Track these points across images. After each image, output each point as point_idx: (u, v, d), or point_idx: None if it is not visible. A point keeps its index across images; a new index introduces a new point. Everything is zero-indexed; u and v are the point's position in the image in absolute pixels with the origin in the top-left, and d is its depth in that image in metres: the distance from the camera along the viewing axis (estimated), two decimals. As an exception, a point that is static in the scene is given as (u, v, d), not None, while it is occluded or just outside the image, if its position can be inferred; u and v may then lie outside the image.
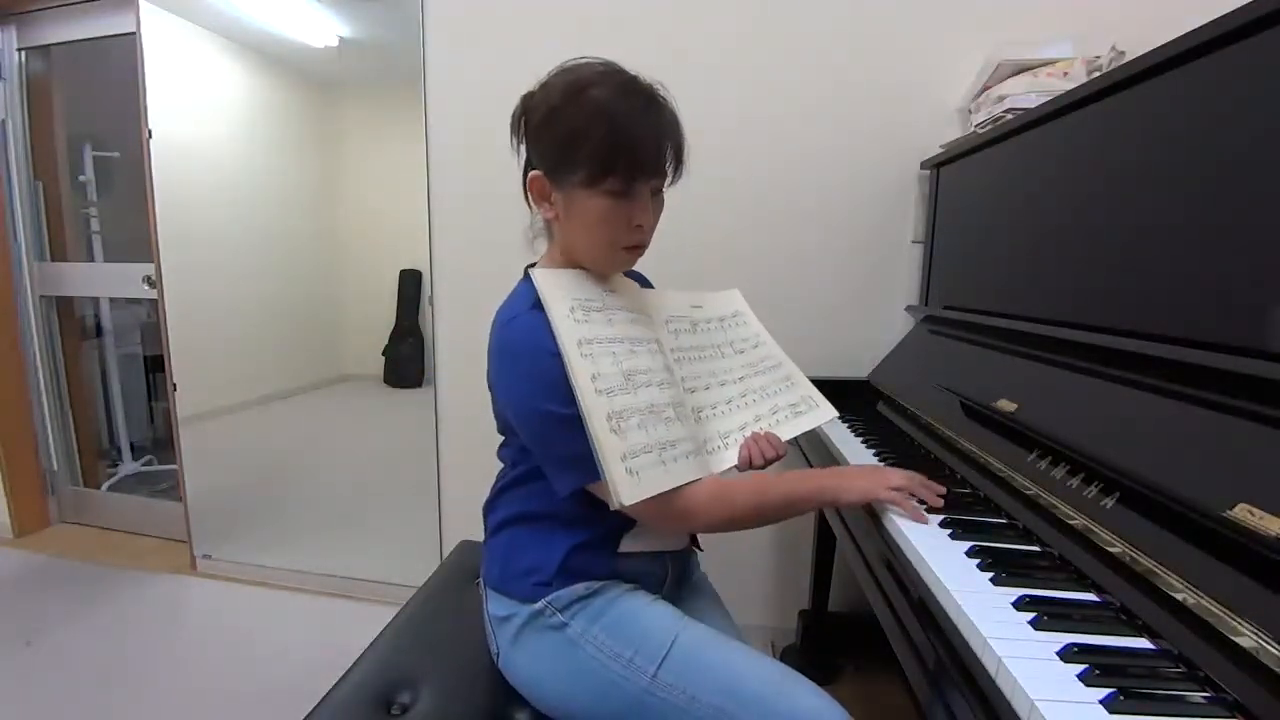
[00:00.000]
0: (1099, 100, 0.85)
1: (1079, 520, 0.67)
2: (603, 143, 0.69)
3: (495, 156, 1.59)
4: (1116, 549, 0.61)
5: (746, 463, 0.82)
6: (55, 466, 2.31)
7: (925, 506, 0.77)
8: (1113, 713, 0.45)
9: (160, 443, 2.67)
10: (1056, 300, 0.93)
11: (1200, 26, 0.66)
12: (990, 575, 0.64)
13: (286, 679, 1.49)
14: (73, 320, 2.36)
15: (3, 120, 2.14)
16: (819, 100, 1.46)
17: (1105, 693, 0.47)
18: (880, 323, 1.52)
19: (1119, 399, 0.74)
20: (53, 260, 2.27)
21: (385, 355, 4.57)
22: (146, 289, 2.08)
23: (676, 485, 0.71)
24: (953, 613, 0.60)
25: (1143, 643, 0.54)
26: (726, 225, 1.54)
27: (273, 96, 3.76)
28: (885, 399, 1.33)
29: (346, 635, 1.07)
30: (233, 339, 2.87)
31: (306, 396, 4.15)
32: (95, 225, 2.46)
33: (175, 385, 1.99)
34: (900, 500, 0.76)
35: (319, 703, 0.78)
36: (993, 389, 0.94)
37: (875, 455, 1.04)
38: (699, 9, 1.47)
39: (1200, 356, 0.64)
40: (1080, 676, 0.49)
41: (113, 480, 2.47)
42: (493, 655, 0.82)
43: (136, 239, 2.03)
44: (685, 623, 0.76)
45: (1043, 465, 0.76)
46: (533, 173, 0.75)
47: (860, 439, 1.14)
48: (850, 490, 0.78)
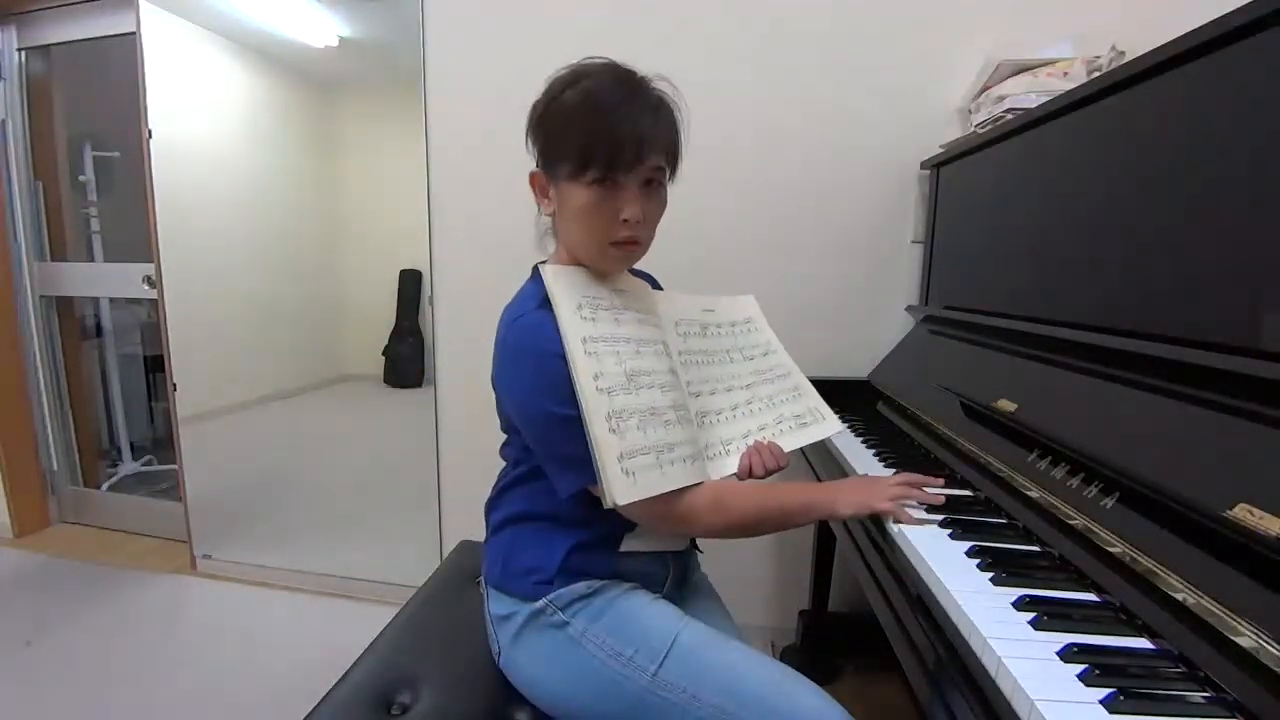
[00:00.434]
0: (1099, 100, 0.85)
1: (1079, 520, 0.67)
2: (582, 133, 0.69)
3: (495, 156, 1.60)
4: (1116, 549, 0.61)
5: (747, 471, 0.81)
6: (55, 466, 2.31)
7: (926, 507, 0.77)
8: (1113, 713, 0.45)
9: (160, 443, 2.67)
10: (1056, 300, 0.93)
11: (1200, 26, 0.66)
12: (990, 575, 0.64)
13: (286, 679, 1.49)
14: (73, 320, 2.36)
15: (3, 120, 2.14)
16: (819, 100, 1.47)
17: (1105, 693, 0.47)
18: (880, 323, 1.52)
19: (1119, 399, 0.74)
20: (53, 260, 2.27)
21: (385, 355, 4.57)
22: (146, 289, 2.08)
23: (672, 489, 0.71)
24: (953, 613, 0.60)
25: (1143, 643, 0.54)
26: (726, 225, 1.54)
27: (273, 96, 3.76)
28: (885, 399, 1.33)
29: (346, 635, 1.07)
30: (233, 339, 2.87)
31: (306, 396, 4.14)
32: (95, 225, 2.46)
33: (175, 385, 1.99)
34: (897, 511, 0.76)
35: (319, 703, 0.78)
36: (993, 389, 0.94)
37: (875, 455, 1.04)
38: (699, 9, 1.47)
39: (1200, 356, 0.64)
40: (1080, 676, 0.49)
41: (113, 480, 2.46)
42: (493, 654, 0.82)
43: (136, 239, 2.03)
44: (686, 622, 0.76)
45: (1043, 465, 0.76)
46: (533, 169, 0.76)
47: (860, 439, 1.14)
48: (846, 503, 0.77)
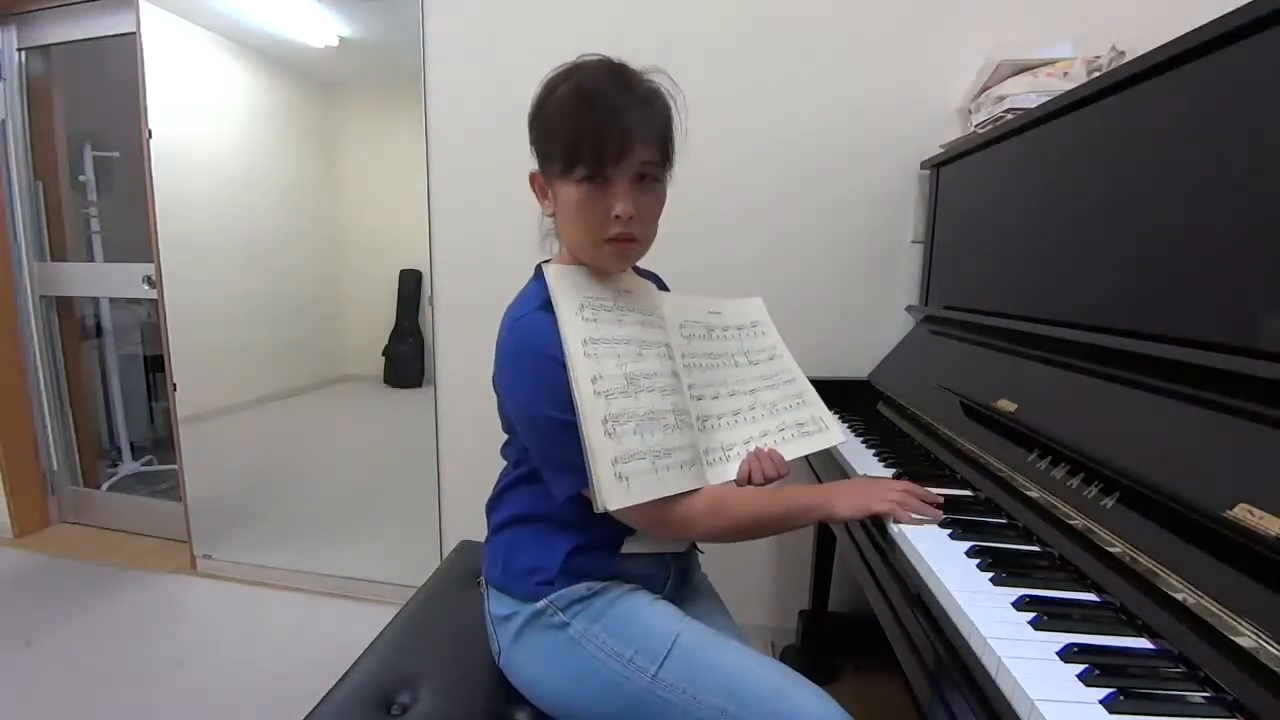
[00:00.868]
0: (1099, 100, 0.85)
1: (1079, 520, 0.67)
2: (569, 130, 0.68)
3: (495, 156, 1.60)
4: (1116, 549, 0.61)
5: (746, 478, 0.80)
6: (55, 466, 2.31)
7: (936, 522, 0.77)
8: (1113, 713, 0.45)
9: (160, 443, 2.67)
10: (1057, 300, 0.93)
11: (1200, 26, 0.66)
12: (990, 575, 0.64)
13: (286, 679, 1.49)
14: (73, 320, 2.36)
15: (3, 120, 2.14)
16: (819, 100, 1.47)
17: (1105, 693, 0.47)
18: (880, 323, 1.52)
19: (1119, 399, 0.74)
20: (53, 260, 2.27)
21: (385, 355, 4.57)
22: (146, 289, 2.08)
23: (666, 494, 0.70)
24: (953, 613, 0.60)
25: (1143, 643, 0.54)
26: (726, 225, 1.54)
27: (273, 96, 3.76)
28: (885, 399, 1.33)
29: (346, 635, 1.07)
30: (233, 339, 2.86)
31: (306, 396, 4.14)
32: (95, 225, 2.46)
33: (175, 385, 1.99)
34: (895, 511, 0.74)
35: (319, 703, 0.78)
36: (993, 389, 0.94)
37: (875, 455, 1.04)
38: (699, 9, 1.48)
39: (1200, 356, 0.64)
40: (1080, 676, 0.49)
41: (113, 480, 2.46)
42: (493, 654, 0.82)
43: (136, 239, 2.03)
44: (686, 623, 0.75)
45: (1043, 465, 0.76)
46: (532, 169, 0.76)
47: (860, 439, 1.14)
48: (844, 505, 0.76)
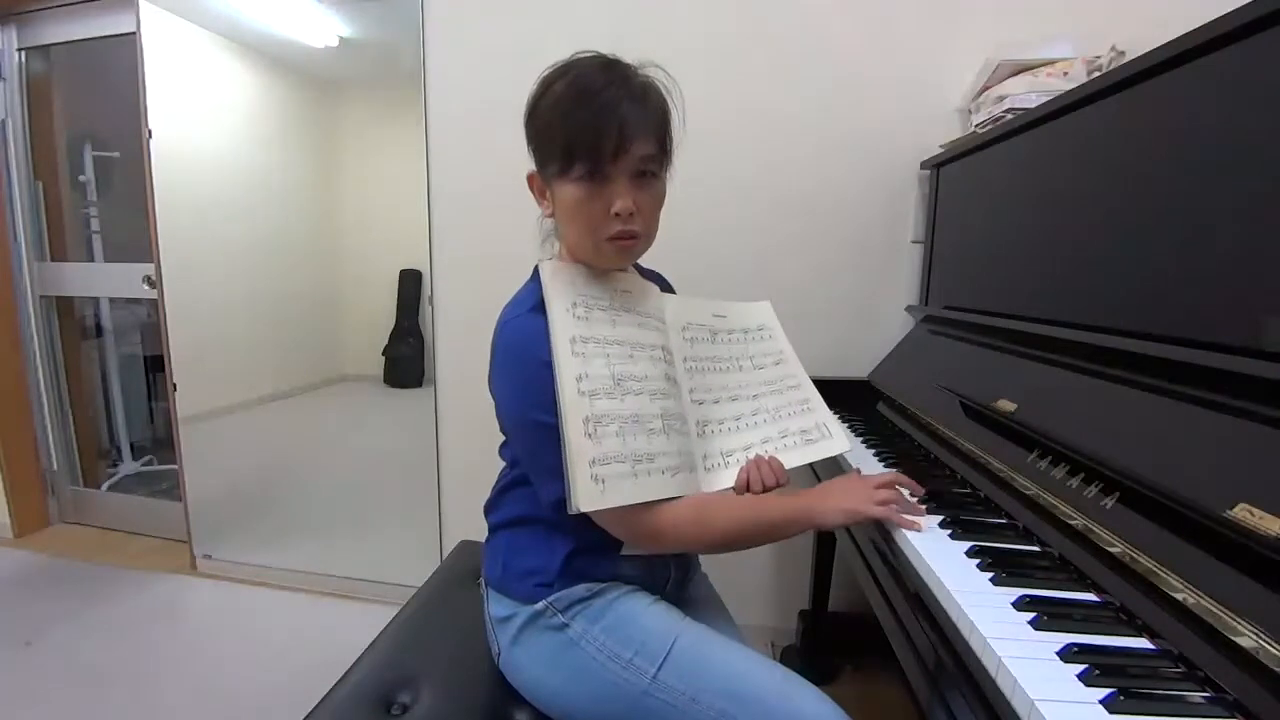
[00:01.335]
0: (1099, 100, 0.85)
1: (1079, 520, 0.67)
2: (564, 129, 0.67)
3: (495, 156, 1.60)
4: (1116, 549, 0.61)
5: (744, 486, 0.78)
6: (55, 466, 2.31)
7: (918, 499, 0.77)
8: (1113, 713, 0.45)
9: (160, 443, 2.67)
10: (1056, 300, 0.93)
11: (1200, 26, 0.66)
12: (990, 575, 0.64)
13: (286, 679, 1.49)
14: (73, 320, 2.36)
15: (3, 120, 2.14)
16: (819, 100, 1.47)
17: (1105, 693, 0.47)
18: (880, 323, 1.52)
19: (1119, 399, 0.74)
20: (53, 260, 2.27)
21: (385, 355, 4.57)
22: (146, 289, 2.08)
23: (644, 500, 0.69)
24: (953, 613, 0.60)
25: (1143, 643, 0.54)
26: (726, 225, 1.54)
27: (272, 96, 3.76)
28: (885, 399, 1.33)
29: (346, 635, 1.07)
30: (233, 339, 2.86)
31: (306, 396, 4.14)
32: (95, 225, 2.46)
33: (175, 385, 1.99)
34: (891, 515, 0.74)
35: (319, 703, 0.78)
36: (993, 389, 0.94)
37: (875, 455, 1.04)
38: (699, 9, 1.48)
39: (1200, 356, 0.64)
40: (1080, 676, 0.49)
41: (113, 480, 2.47)
42: (493, 655, 0.82)
43: (136, 239, 2.03)
44: (686, 624, 0.75)
45: (1043, 465, 0.76)
46: (530, 171, 0.76)
47: (860, 439, 1.14)
48: (834, 511, 0.73)
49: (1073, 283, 0.90)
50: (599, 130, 0.66)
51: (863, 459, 1.03)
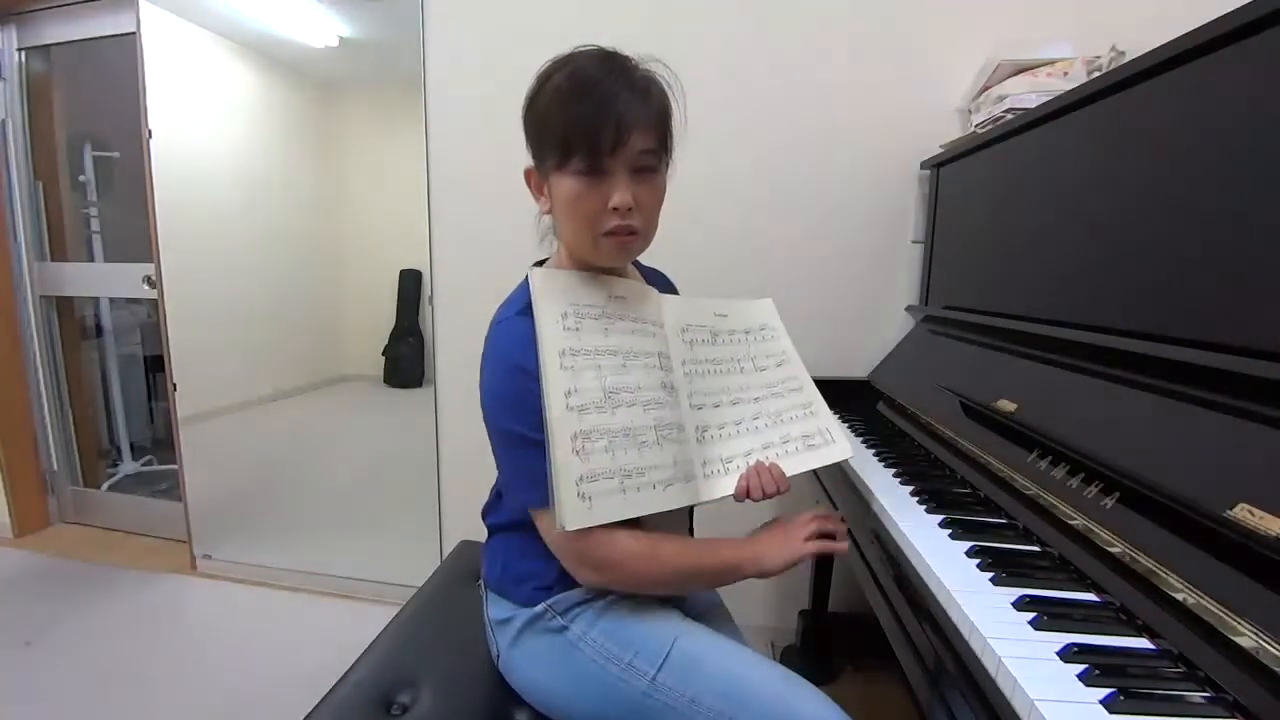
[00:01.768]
0: (1099, 100, 0.85)
1: (1079, 520, 0.67)
2: (562, 121, 0.67)
3: (495, 156, 1.60)
4: (1116, 549, 0.61)
5: (744, 494, 0.76)
6: (55, 466, 2.31)
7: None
8: (1113, 713, 0.45)
9: (160, 443, 2.67)
10: (1057, 300, 0.93)
11: (1200, 26, 0.66)
12: (990, 575, 0.64)
13: (286, 679, 1.49)
14: (73, 320, 2.36)
15: (3, 120, 2.14)
16: (819, 100, 1.46)
17: (1105, 693, 0.47)
18: (880, 323, 1.52)
19: (1119, 399, 0.74)
20: (53, 260, 2.27)
21: (385, 355, 4.57)
22: (146, 289, 2.08)
23: (633, 515, 0.67)
24: (953, 613, 0.60)
25: (1143, 643, 0.54)
26: (726, 225, 1.54)
27: (273, 96, 3.76)
28: (885, 399, 1.33)
29: (346, 635, 1.07)
30: (233, 339, 2.86)
31: (306, 396, 4.14)
32: (95, 225, 2.46)
33: (175, 385, 1.99)
34: (824, 547, 0.75)
35: (319, 703, 0.78)
36: (993, 389, 0.94)
37: (875, 455, 1.04)
38: (699, 9, 1.47)
39: (1200, 356, 0.64)
40: (1080, 676, 0.49)
41: (113, 480, 2.46)
42: (493, 657, 0.82)
43: (136, 239, 2.03)
44: (685, 626, 0.75)
45: (1043, 465, 0.76)
46: (527, 166, 0.75)
47: (860, 439, 1.14)
48: (774, 558, 0.74)
49: (1073, 283, 0.90)
50: (597, 122, 0.65)
51: (863, 460, 1.03)
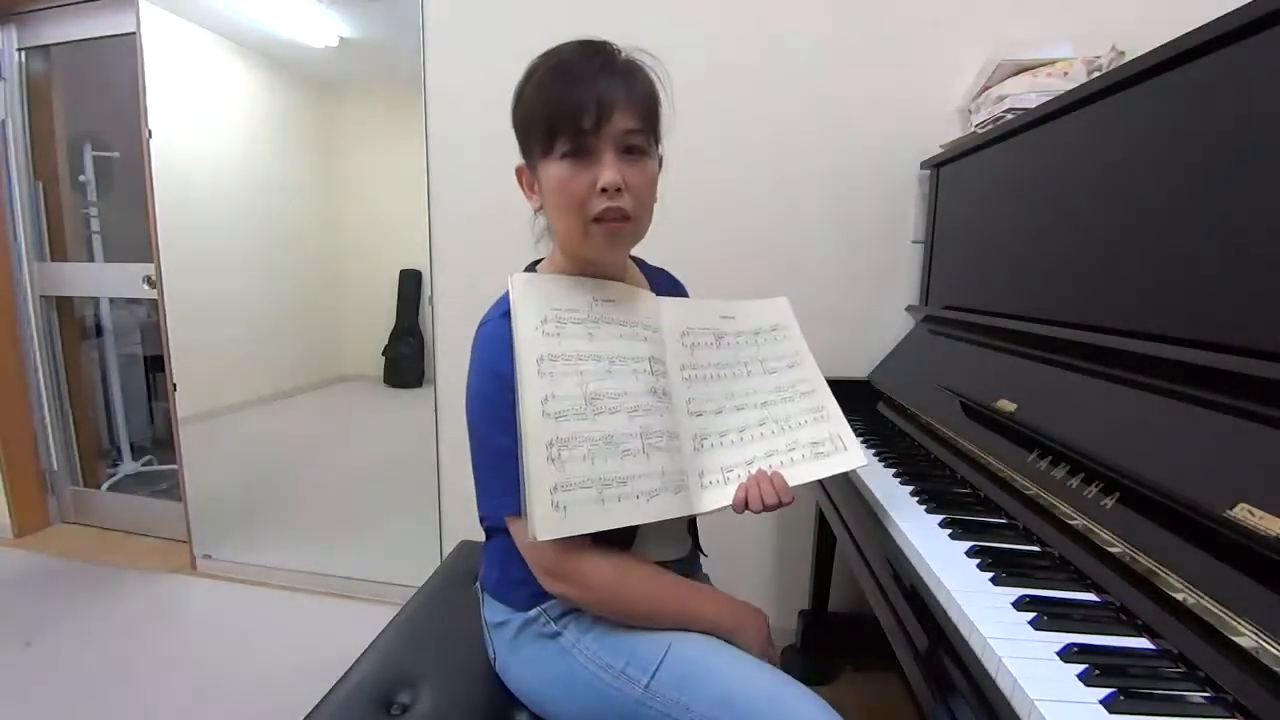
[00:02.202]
0: (1099, 100, 0.85)
1: (1079, 520, 0.67)
2: (548, 104, 0.66)
3: (495, 156, 1.58)
4: (1116, 549, 0.61)
5: (742, 504, 0.72)
6: (55, 466, 2.31)
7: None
8: (1113, 713, 0.45)
9: (160, 443, 2.67)
10: (1057, 300, 0.93)
11: (1200, 26, 0.66)
12: (990, 575, 0.64)
13: (287, 679, 1.49)
14: (73, 320, 2.36)
15: (3, 120, 2.14)
16: (819, 100, 1.46)
17: (1105, 693, 0.47)
18: (880, 323, 1.52)
19: (1119, 399, 0.74)
20: (53, 260, 2.27)
21: (385, 355, 4.57)
22: (146, 289, 2.08)
23: (612, 527, 0.65)
24: (953, 613, 0.60)
25: (1143, 643, 0.54)
26: (726, 225, 1.54)
27: (273, 96, 3.76)
28: (885, 399, 1.33)
29: (346, 635, 1.07)
30: (233, 339, 2.87)
31: (306, 396, 4.15)
32: (95, 225, 2.46)
33: (175, 385, 1.99)
34: (770, 654, 0.77)
35: (319, 703, 0.78)
36: (993, 389, 0.94)
37: (876, 455, 1.04)
38: (698, 9, 1.47)
39: (1200, 356, 0.64)
40: (1080, 676, 0.49)
41: (113, 480, 2.46)
42: (490, 659, 0.82)
43: (136, 239, 2.03)
44: (681, 632, 0.73)
45: (1043, 465, 0.76)
46: (518, 164, 0.75)
47: (861, 439, 1.14)
48: (746, 634, 0.75)
49: (1072, 283, 0.90)
50: (579, 102, 0.65)
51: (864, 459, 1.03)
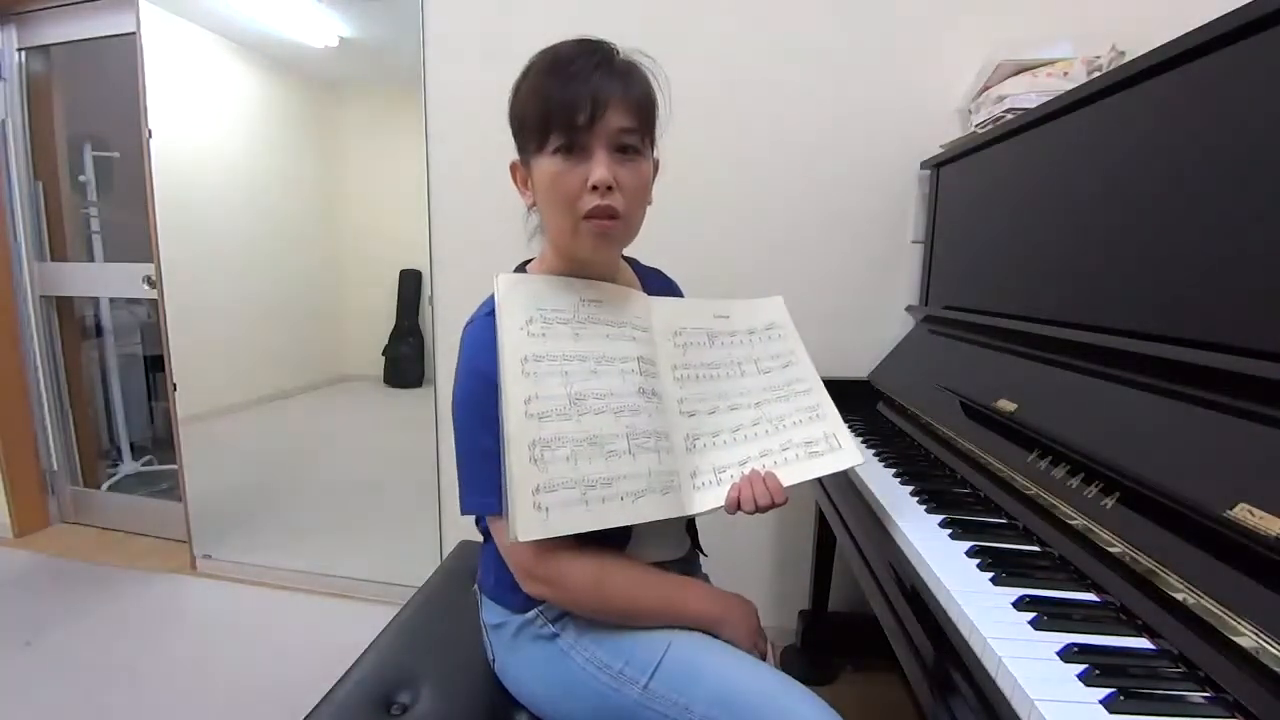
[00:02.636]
0: (1099, 100, 0.85)
1: (1079, 520, 0.67)
2: (541, 100, 0.67)
3: (495, 156, 1.58)
4: (1116, 549, 0.61)
5: (734, 505, 0.71)
6: (55, 466, 2.31)
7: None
8: (1113, 713, 0.45)
9: (160, 443, 2.67)
10: (1056, 300, 0.93)
11: (1200, 26, 0.66)
12: (990, 575, 0.64)
13: (286, 679, 1.49)
14: (73, 320, 2.36)
15: (3, 120, 2.14)
16: (819, 100, 1.46)
17: (1105, 693, 0.47)
18: (880, 323, 1.52)
19: (1119, 399, 0.74)
20: (53, 260, 2.27)
21: (385, 355, 4.57)
22: (146, 289, 2.08)
23: (595, 528, 0.64)
24: (953, 613, 0.60)
25: (1143, 643, 0.54)
26: (726, 226, 1.54)
27: (273, 96, 3.76)
28: (885, 399, 1.33)
29: (346, 635, 1.07)
30: (233, 339, 2.87)
31: (306, 396, 4.15)
32: (95, 225, 2.46)
33: (175, 385, 1.99)
34: (760, 646, 0.75)
35: (319, 703, 0.78)
36: (993, 389, 0.94)
37: (876, 455, 1.04)
38: (698, 9, 1.47)
39: (1200, 356, 0.64)
40: (1080, 676, 0.49)
41: (113, 480, 2.46)
42: (489, 660, 0.82)
43: (136, 239, 2.03)
44: (679, 632, 0.73)
45: (1043, 465, 0.76)
46: (512, 160, 0.75)
47: (861, 439, 1.14)
48: (733, 625, 0.74)
49: (1073, 283, 0.90)
50: (573, 97, 0.65)
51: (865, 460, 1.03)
